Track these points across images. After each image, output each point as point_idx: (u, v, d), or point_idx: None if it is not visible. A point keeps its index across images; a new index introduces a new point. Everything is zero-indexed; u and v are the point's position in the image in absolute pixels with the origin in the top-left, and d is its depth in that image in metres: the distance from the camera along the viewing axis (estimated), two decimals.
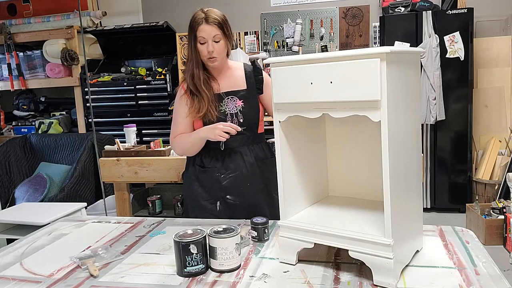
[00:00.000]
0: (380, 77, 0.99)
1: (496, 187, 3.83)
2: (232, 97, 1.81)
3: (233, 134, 1.72)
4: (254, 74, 1.87)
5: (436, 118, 3.94)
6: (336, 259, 1.24)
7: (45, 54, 4.57)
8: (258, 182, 1.85)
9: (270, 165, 1.82)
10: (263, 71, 1.90)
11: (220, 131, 1.70)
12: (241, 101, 1.81)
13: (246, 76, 1.86)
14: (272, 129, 1.24)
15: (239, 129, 1.73)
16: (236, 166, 1.81)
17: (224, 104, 1.80)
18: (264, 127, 1.92)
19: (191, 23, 1.75)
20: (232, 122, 1.79)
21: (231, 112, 1.80)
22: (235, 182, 1.81)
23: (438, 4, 4.12)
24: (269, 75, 1.32)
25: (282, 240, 1.23)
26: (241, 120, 1.80)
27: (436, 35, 3.91)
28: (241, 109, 1.81)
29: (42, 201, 3.56)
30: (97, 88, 4.43)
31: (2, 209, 3.28)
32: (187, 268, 1.18)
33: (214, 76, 1.83)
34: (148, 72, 4.45)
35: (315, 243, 1.17)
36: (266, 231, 1.41)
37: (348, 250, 1.11)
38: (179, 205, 3.07)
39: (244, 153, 1.82)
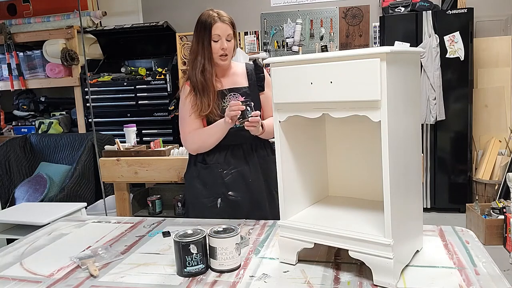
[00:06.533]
0: (380, 77, 0.99)
1: (496, 187, 3.83)
2: (234, 94, 1.82)
3: (241, 110, 1.64)
4: (256, 72, 1.88)
5: (436, 118, 3.94)
6: (336, 259, 1.24)
7: (45, 54, 4.58)
8: (260, 178, 1.85)
9: (271, 163, 1.82)
10: (264, 69, 1.90)
11: (228, 112, 1.65)
12: (243, 97, 1.81)
13: (247, 74, 1.88)
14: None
15: (239, 103, 1.65)
16: (239, 162, 1.82)
17: (226, 101, 1.80)
18: None
19: (203, 21, 1.75)
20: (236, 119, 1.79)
21: None
22: (238, 178, 1.81)
23: (438, 4, 4.12)
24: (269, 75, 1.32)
25: (282, 240, 1.23)
26: None
27: (436, 35, 3.91)
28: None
29: (42, 201, 3.56)
30: (97, 88, 4.43)
31: (2, 209, 3.28)
32: (187, 268, 1.18)
33: (217, 76, 1.83)
34: (148, 72, 4.45)
35: (315, 243, 1.17)
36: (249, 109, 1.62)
37: (348, 250, 1.11)
38: (179, 205, 3.06)
39: (246, 149, 1.84)
